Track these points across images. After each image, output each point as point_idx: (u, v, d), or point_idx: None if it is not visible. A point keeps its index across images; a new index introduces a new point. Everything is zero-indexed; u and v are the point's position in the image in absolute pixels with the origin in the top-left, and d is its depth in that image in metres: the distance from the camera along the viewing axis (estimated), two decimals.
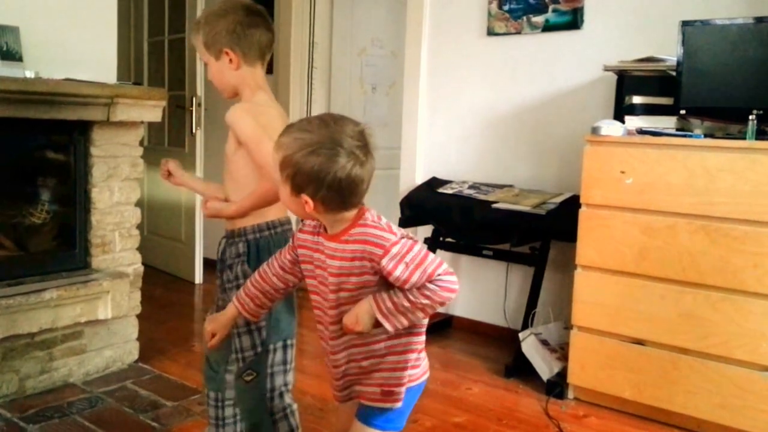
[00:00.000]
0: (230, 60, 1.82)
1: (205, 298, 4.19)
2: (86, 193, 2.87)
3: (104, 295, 2.74)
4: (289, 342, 1.87)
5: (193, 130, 4.41)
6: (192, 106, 4.37)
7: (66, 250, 2.86)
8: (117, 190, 2.93)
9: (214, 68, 1.85)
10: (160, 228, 4.69)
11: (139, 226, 3.07)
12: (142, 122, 2.98)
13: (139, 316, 3.01)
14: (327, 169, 1.37)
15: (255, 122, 1.75)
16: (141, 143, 3.04)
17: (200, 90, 4.40)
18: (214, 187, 2.00)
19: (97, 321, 2.78)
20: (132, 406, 2.57)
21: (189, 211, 4.50)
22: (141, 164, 3.03)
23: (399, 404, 1.53)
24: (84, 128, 2.81)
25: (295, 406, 1.90)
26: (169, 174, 1.99)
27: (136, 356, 3.00)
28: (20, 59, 2.64)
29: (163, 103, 3.02)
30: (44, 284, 2.62)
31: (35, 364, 2.64)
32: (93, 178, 2.87)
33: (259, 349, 1.81)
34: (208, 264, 4.59)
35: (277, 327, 1.83)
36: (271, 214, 1.83)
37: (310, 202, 1.41)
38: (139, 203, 3.04)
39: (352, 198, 1.43)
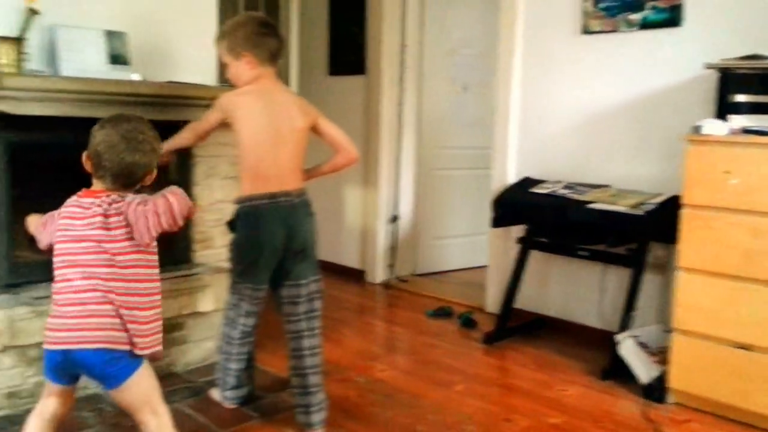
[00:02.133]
0: (247, 61, 2.27)
1: None
2: (189, 191, 2.99)
3: (206, 289, 2.85)
4: (237, 280, 2.44)
5: None
6: None
7: (170, 245, 2.99)
8: (217, 188, 3.04)
9: (233, 67, 2.30)
10: None
11: None
12: None
13: None
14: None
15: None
16: None
17: (294, 91, 4.51)
18: None
19: (199, 313, 2.89)
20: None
21: None
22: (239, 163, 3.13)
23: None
24: None
25: None
26: None
27: None
28: (128, 63, 2.78)
29: None
30: None
31: None
32: (195, 177, 2.99)
33: (233, 277, 2.47)
34: None
35: (234, 270, 2.44)
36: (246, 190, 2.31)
37: None
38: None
39: None
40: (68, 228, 1.75)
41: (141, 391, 1.76)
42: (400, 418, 2.53)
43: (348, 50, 4.69)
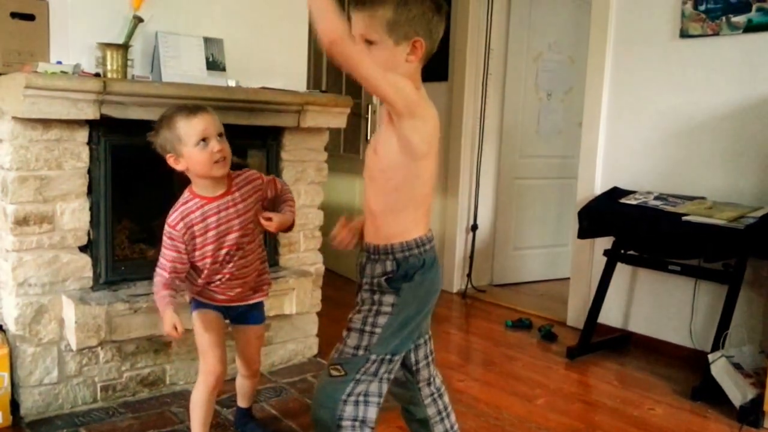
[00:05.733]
0: (414, 51, 1.59)
1: None
2: None
3: (290, 292, 2.89)
4: (388, 357, 1.68)
5: (368, 137, 4.55)
6: (367, 113, 4.51)
7: None
8: (303, 193, 3.08)
9: (385, 54, 1.57)
10: (331, 230, 4.87)
11: (321, 228, 3.20)
12: (327, 128, 3.12)
13: (318, 314, 3.15)
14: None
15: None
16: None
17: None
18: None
19: (283, 315, 2.93)
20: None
21: (362, 215, 4.63)
22: (325, 169, 3.17)
23: None
24: (276, 134, 2.98)
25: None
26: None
27: (315, 351, 3.14)
28: (224, 69, 2.86)
29: (348, 110, 3.14)
30: None
31: (229, 352, 2.82)
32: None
33: (360, 352, 1.67)
34: None
35: (388, 341, 1.67)
36: (418, 231, 1.68)
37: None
38: (321, 206, 3.18)
39: None
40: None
41: None
42: (481, 431, 2.50)
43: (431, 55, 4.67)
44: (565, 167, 4.71)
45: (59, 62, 2.44)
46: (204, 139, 1.93)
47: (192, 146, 1.93)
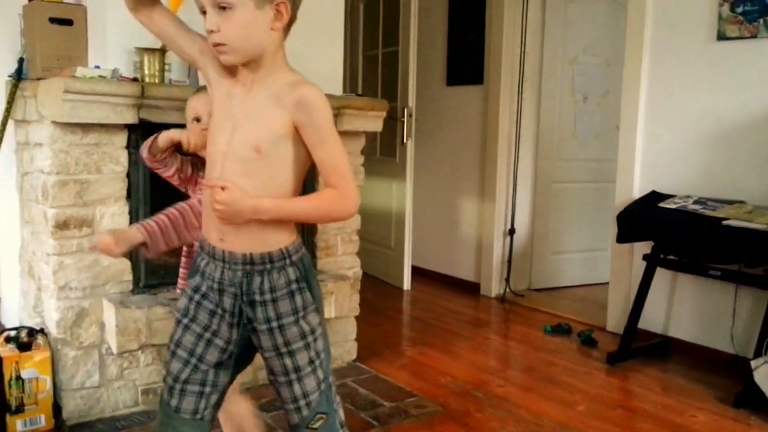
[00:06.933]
0: (278, 16, 1.39)
1: (415, 304, 4.29)
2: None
3: (329, 296, 2.89)
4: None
5: (404, 140, 4.54)
6: (403, 116, 4.51)
7: None
8: None
9: (245, 18, 1.35)
10: (370, 234, 4.87)
11: (358, 232, 3.20)
12: (364, 132, 3.11)
13: (356, 318, 3.14)
14: None
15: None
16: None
17: (411, 101, 4.53)
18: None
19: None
20: (353, 403, 2.68)
21: (399, 218, 4.64)
22: (362, 172, 3.17)
23: None
24: None
25: None
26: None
27: (354, 356, 3.13)
28: None
29: (384, 113, 3.13)
30: None
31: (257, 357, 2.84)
32: (319, 186, 3.03)
33: (323, 386, 1.52)
34: (416, 271, 4.71)
35: (328, 347, 1.55)
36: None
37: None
38: (358, 210, 3.17)
39: None
40: None
41: None
42: None
43: (466, 59, 4.66)
44: (602, 171, 4.64)
45: (97, 67, 2.46)
46: (197, 119, 1.91)
47: (189, 124, 1.93)
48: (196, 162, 1.96)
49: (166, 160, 1.92)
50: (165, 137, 1.86)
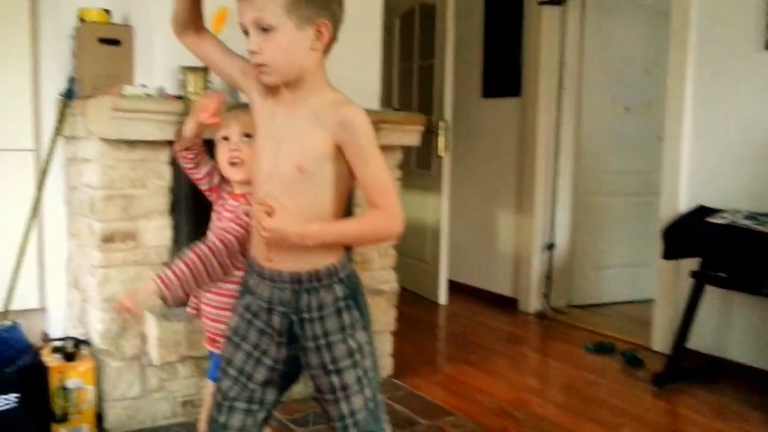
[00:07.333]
0: (318, 36, 1.40)
1: (451, 319, 4.25)
2: (350, 213, 3.03)
3: None
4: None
5: (440, 153, 4.52)
6: (439, 129, 4.48)
7: None
8: None
9: (286, 40, 1.36)
10: (405, 248, 4.84)
11: (395, 246, 3.18)
12: (400, 146, 3.10)
13: (392, 333, 3.11)
14: None
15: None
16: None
17: (448, 114, 4.50)
18: None
19: None
20: (390, 421, 2.64)
21: (434, 232, 4.61)
22: (398, 186, 3.15)
23: None
24: None
25: None
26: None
27: (390, 371, 3.10)
28: None
29: (421, 127, 3.12)
30: None
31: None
32: (356, 199, 3.03)
33: (371, 405, 1.53)
34: (452, 285, 4.67)
35: (376, 365, 1.55)
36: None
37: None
38: None
39: None
40: None
41: None
42: None
43: (503, 71, 4.62)
44: (644, 183, 4.55)
45: (143, 85, 2.51)
46: (225, 138, 1.85)
47: (218, 142, 1.88)
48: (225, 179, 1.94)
49: (198, 158, 1.90)
50: (190, 121, 1.84)
